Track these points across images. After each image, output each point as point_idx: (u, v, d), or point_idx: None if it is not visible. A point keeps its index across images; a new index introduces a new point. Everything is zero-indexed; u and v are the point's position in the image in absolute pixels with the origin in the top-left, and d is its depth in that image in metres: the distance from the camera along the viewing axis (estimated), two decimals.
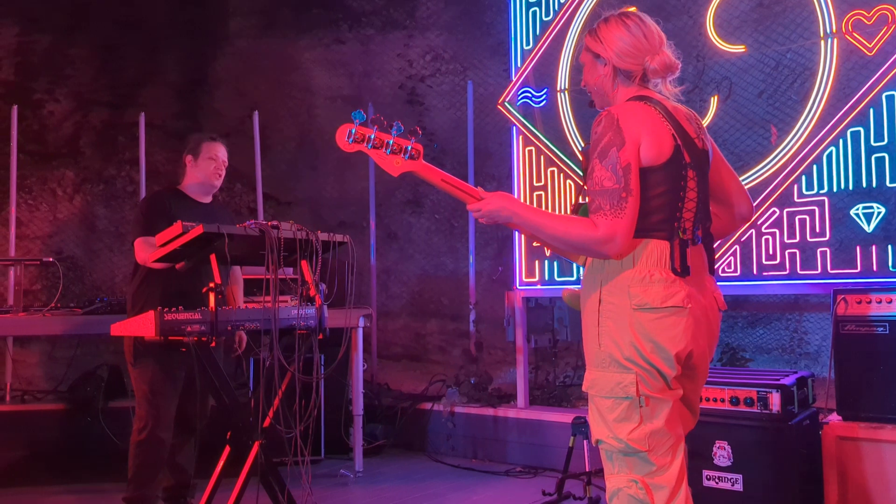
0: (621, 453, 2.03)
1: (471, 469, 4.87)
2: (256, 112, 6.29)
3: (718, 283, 4.43)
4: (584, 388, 2.10)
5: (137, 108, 6.73)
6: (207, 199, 3.84)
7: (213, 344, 3.15)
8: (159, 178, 6.97)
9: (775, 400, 3.25)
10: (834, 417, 3.18)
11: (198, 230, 3.04)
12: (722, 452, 3.34)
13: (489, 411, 5.14)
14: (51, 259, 4.49)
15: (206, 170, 3.77)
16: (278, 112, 7.32)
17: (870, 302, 3.08)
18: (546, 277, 4.95)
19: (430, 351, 6.67)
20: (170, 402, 3.58)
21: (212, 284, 3.11)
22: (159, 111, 7.03)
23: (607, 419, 2.03)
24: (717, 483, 3.35)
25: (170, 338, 3.08)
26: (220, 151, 3.83)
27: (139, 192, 6.35)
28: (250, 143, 7.27)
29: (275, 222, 3.29)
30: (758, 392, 3.29)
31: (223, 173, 3.85)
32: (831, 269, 3.89)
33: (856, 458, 3.07)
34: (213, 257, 3.17)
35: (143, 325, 3.10)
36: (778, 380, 3.35)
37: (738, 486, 3.30)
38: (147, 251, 3.47)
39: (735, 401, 3.34)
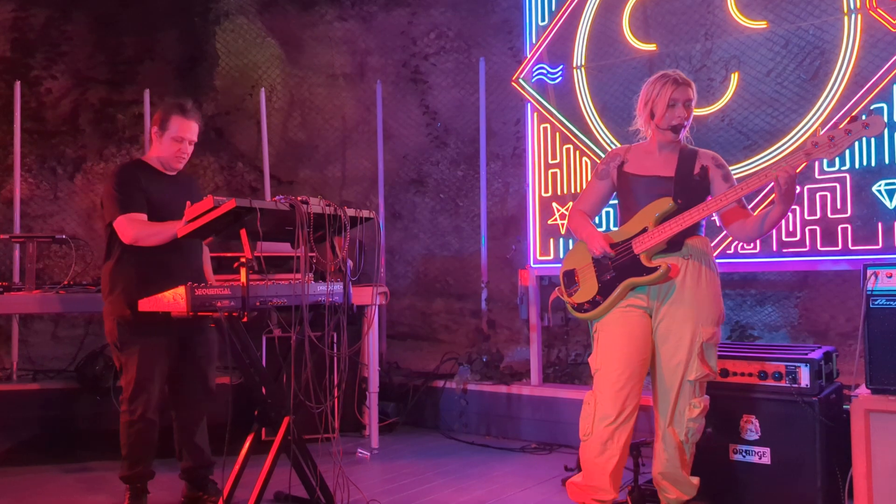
0: (707, 381, 3.05)
1: (486, 446, 4.89)
2: (263, 90, 6.20)
3: (736, 260, 4.45)
4: (704, 341, 2.98)
5: (136, 85, 6.63)
6: (173, 172, 3.66)
7: (245, 319, 3.12)
8: None
9: (804, 374, 3.27)
10: (862, 391, 3.20)
11: (230, 204, 3.01)
12: (750, 426, 3.37)
13: (502, 389, 5.15)
14: (64, 236, 4.41)
15: (169, 150, 3.55)
16: (279, 90, 7.23)
17: None
18: (560, 255, 4.92)
19: (437, 330, 6.65)
20: (157, 385, 3.50)
21: (243, 259, 3.08)
22: (158, 89, 6.91)
23: (713, 360, 3.03)
24: (744, 456, 3.38)
25: (199, 313, 3.06)
26: (189, 132, 3.55)
27: None
28: (250, 121, 7.19)
29: (304, 197, 3.26)
30: (786, 366, 3.32)
31: (187, 156, 3.60)
32: (852, 245, 3.91)
33: (885, 430, 3.08)
34: (243, 232, 3.15)
35: (173, 301, 3.07)
36: (805, 354, 3.37)
37: (766, 460, 3.33)
38: (134, 229, 3.37)
39: (763, 375, 3.36)
